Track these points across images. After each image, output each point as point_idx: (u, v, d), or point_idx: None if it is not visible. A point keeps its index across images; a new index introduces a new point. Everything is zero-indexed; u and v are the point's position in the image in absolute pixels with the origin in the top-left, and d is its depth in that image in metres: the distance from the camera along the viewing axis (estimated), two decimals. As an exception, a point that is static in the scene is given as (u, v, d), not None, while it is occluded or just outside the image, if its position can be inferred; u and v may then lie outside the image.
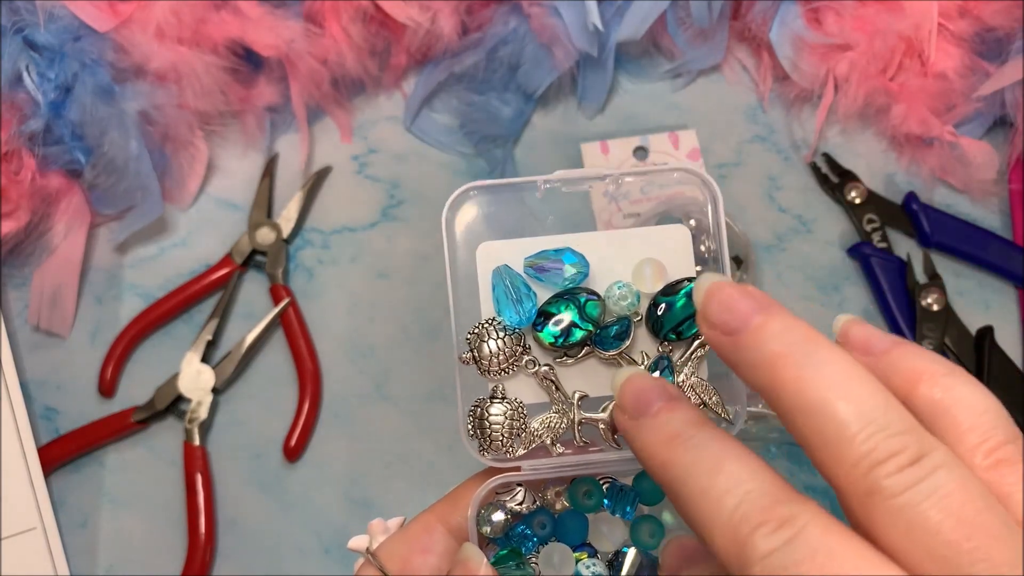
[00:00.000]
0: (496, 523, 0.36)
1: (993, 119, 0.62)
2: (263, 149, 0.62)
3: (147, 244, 0.61)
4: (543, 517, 0.36)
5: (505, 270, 0.36)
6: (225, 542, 0.56)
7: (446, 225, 0.37)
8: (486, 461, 0.36)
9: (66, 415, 0.57)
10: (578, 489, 0.36)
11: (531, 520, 0.36)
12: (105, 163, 0.57)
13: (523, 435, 0.36)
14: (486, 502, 0.36)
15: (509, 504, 0.36)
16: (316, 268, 0.61)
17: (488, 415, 0.36)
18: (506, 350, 0.36)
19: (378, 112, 0.64)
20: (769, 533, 0.24)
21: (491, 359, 0.36)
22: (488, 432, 0.35)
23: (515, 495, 0.36)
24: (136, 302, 0.60)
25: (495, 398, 0.36)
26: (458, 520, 0.36)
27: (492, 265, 0.36)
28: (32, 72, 0.56)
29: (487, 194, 0.37)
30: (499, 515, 0.36)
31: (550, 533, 0.36)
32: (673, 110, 0.64)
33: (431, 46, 0.61)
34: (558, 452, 0.36)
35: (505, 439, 0.35)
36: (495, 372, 0.36)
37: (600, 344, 0.36)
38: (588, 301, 0.36)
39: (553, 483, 0.37)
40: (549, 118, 0.64)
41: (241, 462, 0.57)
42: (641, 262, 0.37)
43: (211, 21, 0.58)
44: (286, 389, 0.58)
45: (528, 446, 0.36)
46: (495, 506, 0.36)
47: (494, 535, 0.36)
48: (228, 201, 0.62)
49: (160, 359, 0.58)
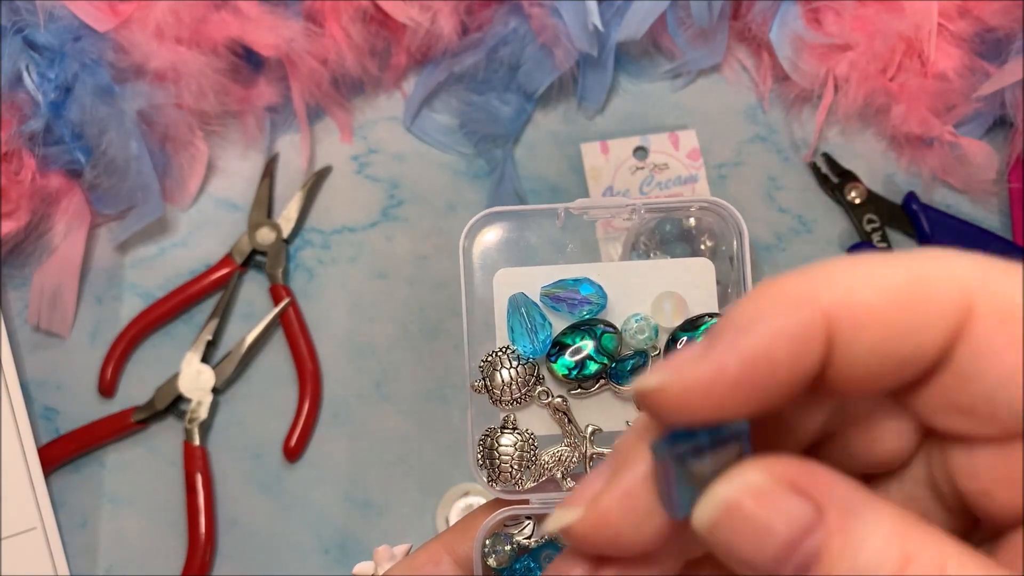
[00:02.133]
0: (502, 555, 0.35)
1: (993, 119, 0.62)
2: (263, 149, 0.62)
3: (147, 244, 0.61)
4: (550, 551, 0.36)
5: (521, 298, 0.35)
6: (225, 542, 0.56)
7: (463, 251, 0.36)
8: (494, 492, 0.35)
9: (66, 415, 0.57)
10: None
11: (538, 554, 0.36)
12: (105, 163, 0.57)
13: (533, 467, 0.35)
14: (492, 533, 0.36)
15: (517, 537, 0.35)
16: (316, 268, 0.61)
17: (498, 445, 0.35)
18: (519, 380, 0.35)
19: (378, 112, 0.64)
20: None
21: (503, 388, 0.35)
22: (497, 463, 0.35)
23: (523, 528, 0.36)
24: (136, 302, 0.59)
25: (506, 428, 0.35)
26: (465, 550, 0.36)
27: (509, 292, 0.36)
28: (32, 72, 0.56)
29: (506, 220, 0.37)
30: (506, 547, 0.35)
31: None
32: (673, 110, 0.64)
33: (431, 46, 0.61)
34: (568, 486, 0.35)
35: (514, 471, 0.35)
36: (507, 402, 0.35)
37: (615, 378, 0.35)
38: (604, 333, 0.35)
39: None
40: (549, 118, 0.64)
41: (241, 462, 0.57)
42: (661, 295, 0.36)
43: (211, 21, 0.58)
44: (286, 389, 0.58)
45: (538, 479, 0.35)
46: (502, 538, 0.35)
47: (500, 567, 0.36)
48: (228, 201, 0.62)
49: (160, 359, 0.58)
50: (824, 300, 0.20)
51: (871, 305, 0.20)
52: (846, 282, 0.21)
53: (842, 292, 0.20)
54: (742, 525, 0.20)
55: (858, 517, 0.20)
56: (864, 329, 0.20)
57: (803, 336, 0.20)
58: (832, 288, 0.20)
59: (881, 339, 0.20)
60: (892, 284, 0.21)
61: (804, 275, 0.21)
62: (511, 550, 0.35)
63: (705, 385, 0.20)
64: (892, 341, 0.20)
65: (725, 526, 0.21)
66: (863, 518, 0.20)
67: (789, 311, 0.20)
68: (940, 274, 0.21)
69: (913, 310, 0.20)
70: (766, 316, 0.20)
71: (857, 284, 0.20)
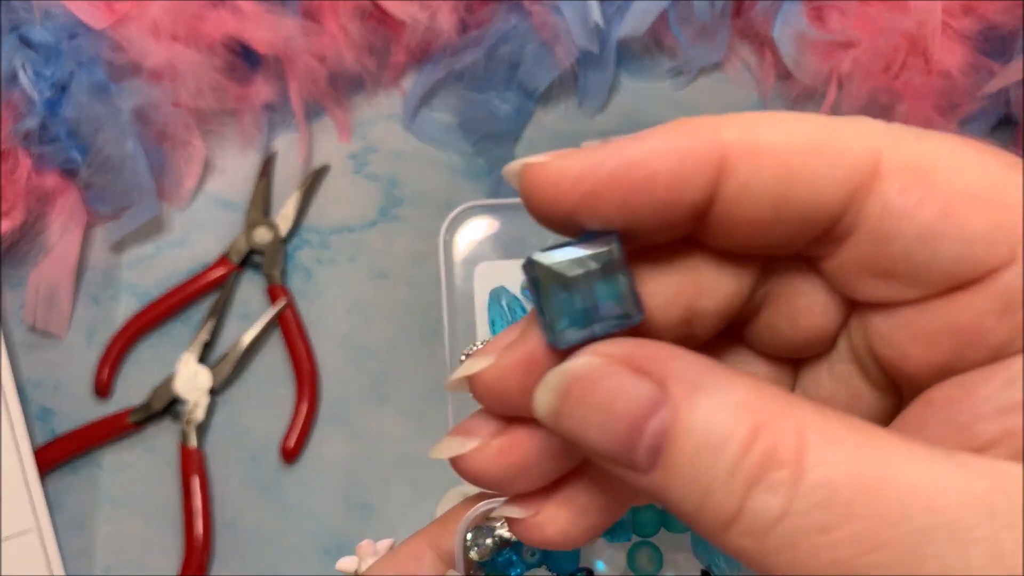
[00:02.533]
0: (484, 548, 0.35)
1: (998, 117, 0.61)
2: (260, 148, 0.62)
3: (143, 244, 0.60)
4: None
5: (502, 292, 0.35)
6: (222, 544, 0.55)
7: (443, 244, 0.36)
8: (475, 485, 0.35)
9: (62, 415, 0.57)
10: None
11: (520, 546, 0.35)
12: (101, 162, 0.57)
13: None
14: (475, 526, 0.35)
15: (499, 530, 0.35)
16: (314, 268, 0.60)
17: None
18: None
19: (377, 110, 0.63)
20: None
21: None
22: None
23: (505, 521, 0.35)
24: (132, 302, 0.59)
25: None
26: (448, 544, 0.35)
27: (490, 285, 0.36)
28: (27, 70, 0.55)
29: (487, 213, 0.37)
30: (488, 540, 0.35)
31: (540, 560, 0.35)
32: (675, 108, 0.64)
33: (431, 44, 0.61)
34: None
35: None
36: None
37: None
38: None
39: None
40: (550, 116, 0.64)
41: (238, 464, 0.57)
42: None
43: (208, 18, 0.57)
44: (284, 390, 0.58)
45: None
46: (484, 531, 0.35)
47: (482, 560, 0.35)
48: (225, 200, 0.61)
49: (157, 360, 0.58)
50: (725, 134, 0.21)
51: (771, 146, 0.21)
52: (751, 123, 0.21)
53: (744, 130, 0.21)
54: (583, 410, 0.20)
55: (705, 390, 0.19)
56: (759, 168, 0.21)
57: (691, 157, 0.21)
58: (736, 126, 0.21)
59: (776, 181, 0.21)
60: (797, 131, 0.21)
61: (715, 116, 0.21)
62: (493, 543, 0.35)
63: (577, 173, 0.21)
64: (789, 186, 0.21)
65: (567, 413, 0.21)
66: (710, 390, 0.19)
67: (684, 134, 0.21)
68: (849, 132, 0.21)
69: (814, 159, 0.20)
70: (661, 134, 0.21)
71: (763, 127, 0.21)
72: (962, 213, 0.20)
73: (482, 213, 0.36)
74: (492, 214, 0.36)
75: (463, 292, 0.36)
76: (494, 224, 0.37)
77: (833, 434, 0.19)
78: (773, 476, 0.18)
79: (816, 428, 0.19)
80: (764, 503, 0.18)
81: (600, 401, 0.20)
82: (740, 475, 0.18)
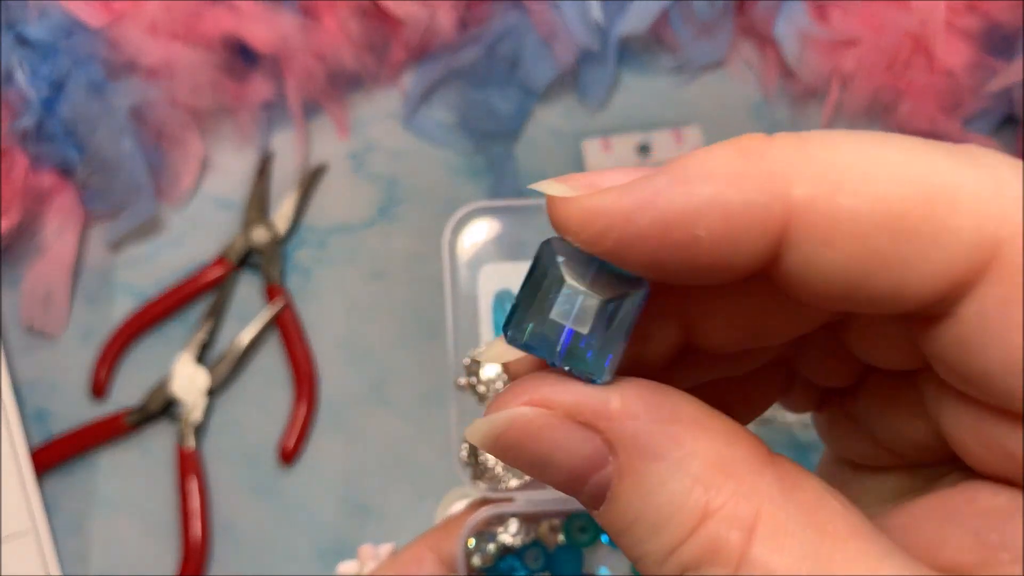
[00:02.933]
0: (486, 554, 0.35)
1: (1001, 116, 0.61)
2: (258, 147, 0.61)
3: (140, 243, 0.60)
4: (536, 550, 0.35)
5: (507, 295, 0.35)
6: (219, 546, 0.55)
7: (448, 246, 0.36)
8: (479, 491, 0.35)
9: (58, 416, 0.57)
10: (573, 523, 0.35)
11: (524, 553, 0.35)
12: (98, 161, 0.56)
13: None
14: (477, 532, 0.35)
15: (501, 536, 0.35)
16: (312, 268, 0.60)
17: None
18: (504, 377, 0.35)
19: (376, 109, 0.63)
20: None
21: (489, 386, 0.35)
22: (482, 461, 0.34)
23: (508, 526, 0.35)
24: (129, 302, 0.59)
25: None
26: (450, 549, 0.35)
27: (494, 288, 0.35)
28: (24, 68, 0.55)
29: (492, 215, 0.36)
30: (490, 546, 0.35)
31: (543, 567, 0.35)
32: (677, 106, 0.63)
33: (430, 41, 0.60)
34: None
35: (499, 469, 0.35)
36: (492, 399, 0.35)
37: None
38: None
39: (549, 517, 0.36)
40: (550, 114, 0.63)
41: (236, 465, 0.56)
42: None
43: (205, 16, 0.57)
44: (281, 391, 0.57)
45: (523, 477, 0.35)
46: (486, 537, 0.35)
47: (484, 565, 0.35)
48: (223, 199, 0.61)
49: (154, 360, 0.58)
50: (795, 190, 0.16)
51: (852, 216, 0.16)
52: (834, 173, 0.16)
53: (821, 185, 0.16)
54: (517, 456, 0.18)
55: (657, 458, 0.17)
56: (832, 245, 0.16)
57: (745, 219, 0.16)
58: (812, 178, 0.16)
59: (853, 263, 0.16)
60: (893, 189, 0.16)
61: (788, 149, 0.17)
62: (495, 549, 0.35)
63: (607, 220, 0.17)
64: (867, 271, 0.16)
65: (503, 455, 0.19)
66: (664, 459, 0.17)
67: (742, 185, 0.16)
68: (966, 199, 0.16)
69: (909, 242, 0.16)
70: (712, 179, 0.17)
71: (848, 181, 0.16)
72: None
73: (487, 214, 0.36)
74: (497, 215, 0.36)
75: (467, 294, 0.36)
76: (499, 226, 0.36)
77: (785, 529, 0.16)
78: (710, 570, 0.17)
79: (770, 518, 0.16)
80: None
81: (536, 454, 0.18)
82: (676, 559, 0.17)
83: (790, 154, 0.16)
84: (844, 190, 0.16)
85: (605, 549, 0.35)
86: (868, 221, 0.16)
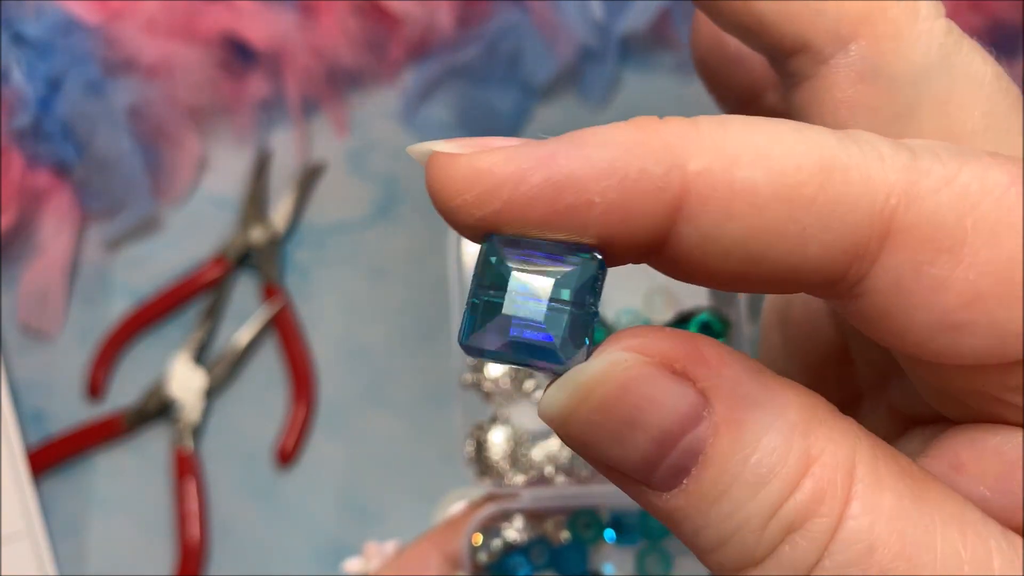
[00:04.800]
0: (492, 551, 0.35)
1: (1006, 115, 0.61)
2: (256, 145, 0.61)
3: (138, 243, 0.60)
4: (541, 547, 0.35)
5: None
6: (217, 548, 0.55)
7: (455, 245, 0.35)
8: (484, 488, 0.35)
9: (55, 417, 0.56)
10: (578, 520, 0.35)
11: (529, 550, 0.35)
12: (95, 160, 0.56)
13: (523, 463, 0.35)
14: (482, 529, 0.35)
15: (506, 532, 0.35)
16: (310, 267, 0.59)
17: (488, 441, 0.34)
18: (510, 374, 0.35)
19: (374, 107, 0.63)
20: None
21: (494, 383, 0.35)
22: (487, 458, 0.34)
23: (513, 523, 0.35)
24: (126, 302, 0.58)
25: (496, 423, 0.35)
26: (455, 547, 0.35)
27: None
28: (21, 67, 0.55)
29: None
30: (496, 543, 0.35)
31: (548, 563, 0.35)
32: (679, 104, 0.63)
33: (429, 39, 0.60)
34: (559, 482, 0.35)
35: (504, 466, 0.34)
36: (498, 397, 0.35)
37: None
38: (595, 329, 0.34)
39: (554, 513, 0.36)
40: (551, 113, 0.63)
41: (233, 466, 0.56)
42: (651, 290, 0.35)
43: (203, 14, 0.57)
44: (279, 392, 0.57)
45: (528, 474, 0.35)
46: (491, 534, 0.35)
47: (490, 562, 0.35)
48: (220, 198, 0.61)
49: (151, 361, 0.57)
50: (691, 164, 0.16)
51: (748, 189, 0.16)
52: (731, 148, 0.16)
53: (717, 160, 0.16)
54: (602, 418, 0.16)
55: (755, 406, 0.16)
56: (728, 218, 0.16)
57: (639, 189, 0.16)
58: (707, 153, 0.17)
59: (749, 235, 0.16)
60: (789, 163, 0.16)
61: (685, 124, 0.17)
62: (500, 546, 0.35)
63: (494, 179, 0.17)
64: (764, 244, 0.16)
65: (581, 419, 0.17)
66: (761, 407, 0.16)
67: (638, 152, 0.17)
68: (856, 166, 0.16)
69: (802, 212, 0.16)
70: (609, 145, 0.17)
71: (745, 156, 0.16)
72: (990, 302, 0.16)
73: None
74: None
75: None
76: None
77: (881, 478, 0.16)
78: (814, 524, 0.16)
79: (865, 460, 0.16)
80: (796, 552, 0.16)
81: (627, 411, 0.16)
82: (781, 520, 0.16)
83: (686, 130, 0.17)
84: (740, 163, 0.16)
85: (609, 547, 0.35)
86: (766, 192, 0.16)
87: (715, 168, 0.16)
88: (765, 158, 0.16)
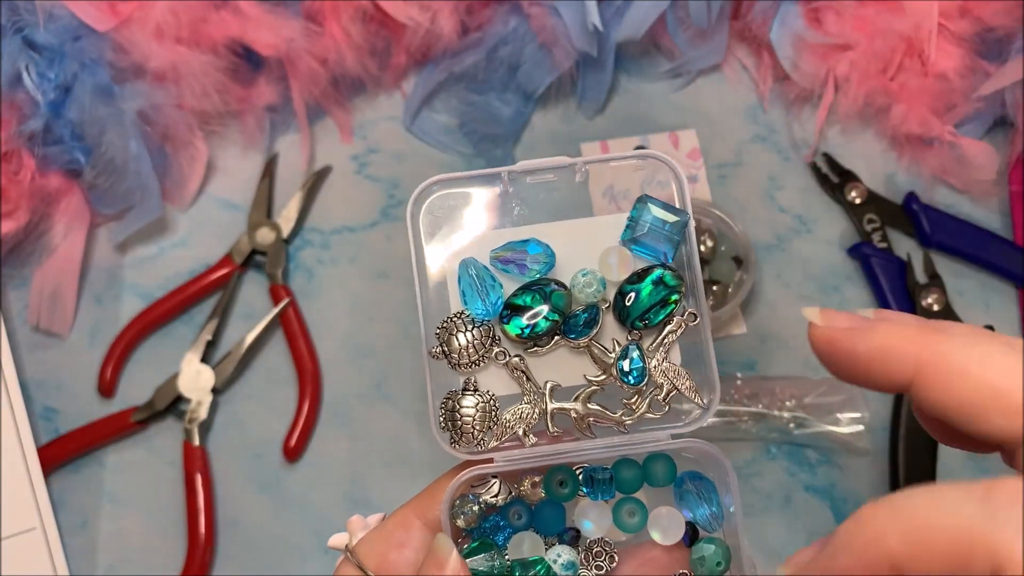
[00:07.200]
0: (470, 515, 0.36)
1: (993, 119, 0.62)
2: (263, 149, 0.62)
3: (147, 244, 0.61)
4: (519, 508, 0.36)
5: (471, 262, 0.36)
6: (225, 542, 0.56)
7: (411, 218, 0.37)
8: (458, 454, 0.36)
9: (66, 415, 0.57)
10: (552, 478, 0.36)
11: (507, 511, 0.36)
12: (105, 163, 0.57)
13: (495, 427, 0.36)
14: (460, 495, 0.36)
15: (484, 496, 0.36)
16: (316, 268, 0.61)
17: (460, 408, 0.35)
18: (476, 343, 0.36)
19: (378, 112, 0.64)
20: None
21: (461, 352, 0.36)
22: (460, 425, 0.35)
23: (490, 487, 0.36)
24: (136, 302, 0.59)
25: (467, 391, 0.36)
26: (436, 514, 0.36)
27: (460, 258, 0.36)
28: (32, 72, 0.56)
29: (453, 187, 0.37)
30: (474, 507, 0.36)
31: (527, 523, 0.36)
32: (673, 110, 0.64)
33: (431, 46, 0.61)
34: (531, 443, 0.36)
35: (477, 431, 0.35)
36: (466, 365, 0.36)
37: (569, 332, 0.36)
38: (554, 292, 0.35)
39: (529, 474, 0.37)
40: (549, 118, 0.64)
41: (241, 462, 0.57)
42: (606, 250, 0.36)
43: (211, 20, 0.58)
44: (286, 389, 0.58)
45: (501, 438, 0.36)
46: (469, 499, 0.36)
47: (469, 527, 0.36)
48: (228, 201, 0.62)
49: (160, 359, 0.58)
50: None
51: (962, 375, 0.26)
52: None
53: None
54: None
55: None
56: (945, 392, 0.27)
57: (894, 358, 0.28)
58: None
59: (955, 409, 0.26)
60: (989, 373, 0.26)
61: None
62: (479, 510, 0.36)
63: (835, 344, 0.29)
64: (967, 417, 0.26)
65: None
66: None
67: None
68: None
69: (991, 403, 0.26)
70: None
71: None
72: None
73: (448, 186, 0.37)
74: (458, 187, 0.37)
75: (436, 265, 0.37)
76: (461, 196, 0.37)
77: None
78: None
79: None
80: None
81: None
82: None
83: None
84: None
85: (586, 501, 0.36)
86: (973, 384, 0.26)
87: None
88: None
